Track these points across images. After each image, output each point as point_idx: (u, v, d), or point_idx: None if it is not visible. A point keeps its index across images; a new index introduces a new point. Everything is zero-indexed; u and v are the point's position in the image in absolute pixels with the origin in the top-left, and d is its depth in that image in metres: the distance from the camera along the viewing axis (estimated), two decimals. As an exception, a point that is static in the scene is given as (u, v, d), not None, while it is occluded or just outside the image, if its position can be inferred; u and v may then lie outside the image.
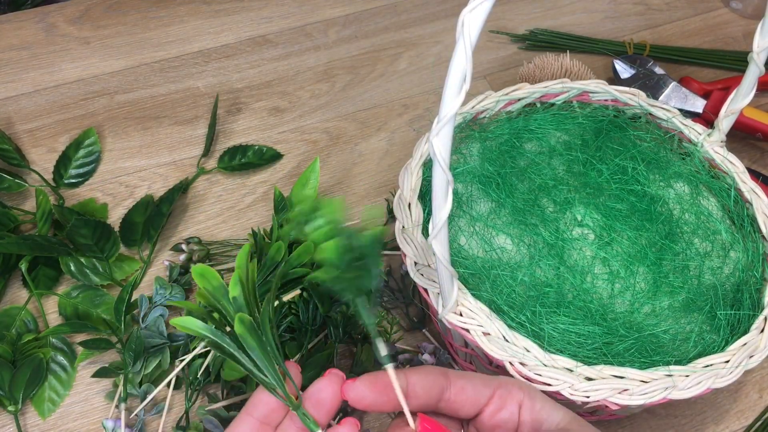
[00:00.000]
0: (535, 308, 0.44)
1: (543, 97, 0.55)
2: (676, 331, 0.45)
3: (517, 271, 0.46)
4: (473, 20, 0.30)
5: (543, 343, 0.42)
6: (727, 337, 0.44)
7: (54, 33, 0.74)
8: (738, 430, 0.51)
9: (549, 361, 0.41)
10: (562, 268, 0.46)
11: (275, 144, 0.66)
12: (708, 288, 0.47)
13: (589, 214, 0.49)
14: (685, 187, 0.52)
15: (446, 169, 0.32)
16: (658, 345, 0.44)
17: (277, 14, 0.77)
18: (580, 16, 0.79)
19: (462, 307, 0.42)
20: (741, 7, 0.80)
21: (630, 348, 0.43)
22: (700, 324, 0.45)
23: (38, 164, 0.63)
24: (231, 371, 0.48)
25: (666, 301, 0.46)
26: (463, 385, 0.36)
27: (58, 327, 0.49)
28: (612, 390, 0.40)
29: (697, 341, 0.44)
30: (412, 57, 0.74)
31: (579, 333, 0.43)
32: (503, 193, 0.50)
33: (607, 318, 0.45)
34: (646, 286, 0.46)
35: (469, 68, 0.30)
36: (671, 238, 0.48)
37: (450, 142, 0.32)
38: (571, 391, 0.40)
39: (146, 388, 0.49)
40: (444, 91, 0.31)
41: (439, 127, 0.31)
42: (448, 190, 0.33)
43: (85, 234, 0.53)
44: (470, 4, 0.30)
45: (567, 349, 0.43)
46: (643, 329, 0.44)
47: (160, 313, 0.52)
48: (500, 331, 0.41)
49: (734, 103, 0.49)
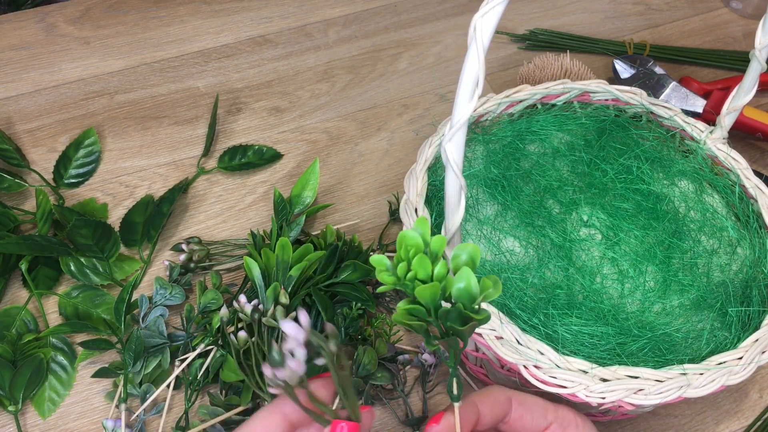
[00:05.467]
0: (547, 310, 0.44)
1: (544, 98, 0.55)
2: (688, 330, 0.45)
3: (526, 273, 0.46)
4: (485, 25, 0.30)
5: (557, 345, 0.42)
6: (739, 334, 0.44)
7: (54, 33, 0.74)
8: (738, 430, 0.51)
9: (563, 364, 0.40)
10: (571, 270, 0.46)
11: (275, 144, 0.66)
12: (717, 285, 0.47)
13: (595, 214, 0.49)
14: (689, 184, 0.52)
15: (459, 174, 0.32)
16: (671, 344, 0.44)
17: (277, 14, 0.77)
18: (580, 16, 0.79)
19: None
20: (741, 7, 0.80)
21: (643, 347, 0.43)
22: (712, 321, 0.45)
23: (38, 164, 0.63)
24: (229, 372, 0.48)
25: (676, 300, 0.46)
26: (522, 414, 0.38)
27: (58, 327, 0.49)
28: (627, 390, 0.40)
29: (710, 339, 0.44)
30: (412, 57, 0.74)
31: (592, 334, 0.43)
32: (509, 195, 0.50)
33: (619, 318, 0.45)
34: (655, 285, 0.46)
35: (481, 73, 0.30)
36: (678, 236, 0.48)
37: (463, 147, 0.32)
38: (586, 393, 0.40)
39: (146, 388, 0.49)
40: (457, 96, 0.31)
41: (452, 132, 0.31)
42: (461, 195, 0.33)
43: (85, 234, 0.53)
44: (482, 9, 0.29)
45: (581, 351, 0.43)
46: (656, 328, 0.44)
47: (160, 313, 0.52)
48: (513, 335, 0.41)
49: (736, 100, 0.49)
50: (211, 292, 0.52)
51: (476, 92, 0.30)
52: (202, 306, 0.52)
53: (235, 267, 0.57)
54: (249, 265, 0.49)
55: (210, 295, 0.52)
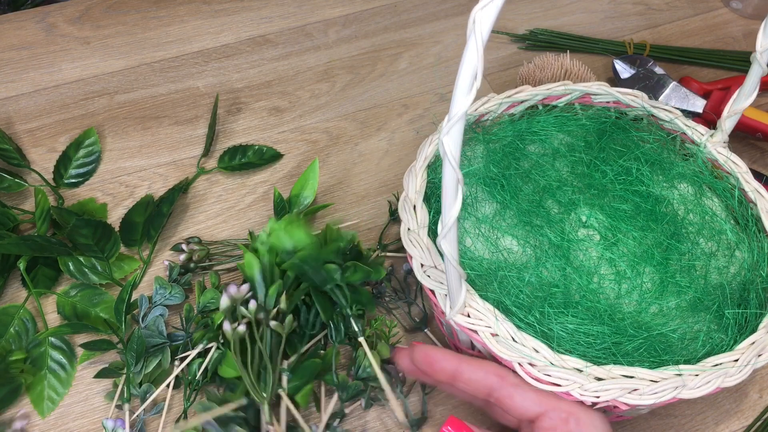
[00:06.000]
0: (543, 309, 0.44)
1: (545, 99, 0.55)
2: (684, 331, 0.45)
3: (523, 272, 0.46)
4: (484, 18, 0.29)
5: (552, 343, 0.42)
6: (736, 336, 0.44)
7: (54, 33, 0.74)
8: (738, 430, 0.51)
9: (558, 362, 0.41)
10: (568, 269, 0.46)
11: (275, 144, 0.66)
12: (715, 287, 0.47)
13: (594, 215, 0.49)
14: (688, 187, 0.52)
15: (457, 167, 0.32)
16: (667, 344, 0.44)
17: (277, 14, 0.77)
18: (580, 16, 0.79)
19: (470, 308, 0.42)
20: (741, 7, 0.80)
21: (639, 348, 0.43)
22: (708, 323, 0.45)
23: (38, 164, 0.63)
24: (228, 368, 0.48)
25: (673, 301, 0.46)
26: (512, 393, 0.39)
27: (58, 328, 0.49)
28: (622, 390, 0.40)
29: (706, 340, 0.44)
30: (412, 57, 0.74)
31: (588, 333, 0.43)
32: (508, 194, 0.50)
33: (615, 318, 0.45)
34: (653, 286, 0.46)
35: (480, 66, 0.30)
36: (677, 238, 0.48)
37: (461, 140, 0.32)
38: (581, 392, 0.40)
39: (146, 388, 0.49)
40: (455, 89, 0.31)
41: (449, 125, 0.31)
42: (458, 188, 0.33)
43: (85, 234, 0.53)
44: (481, 2, 0.29)
45: (576, 350, 0.43)
46: (652, 329, 0.44)
47: (159, 313, 0.52)
48: (509, 332, 0.41)
49: (737, 104, 0.49)
50: (210, 292, 0.52)
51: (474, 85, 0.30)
52: (201, 306, 0.52)
53: (235, 267, 0.57)
54: (249, 263, 0.49)
55: (209, 295, 0.52)
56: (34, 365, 0.51)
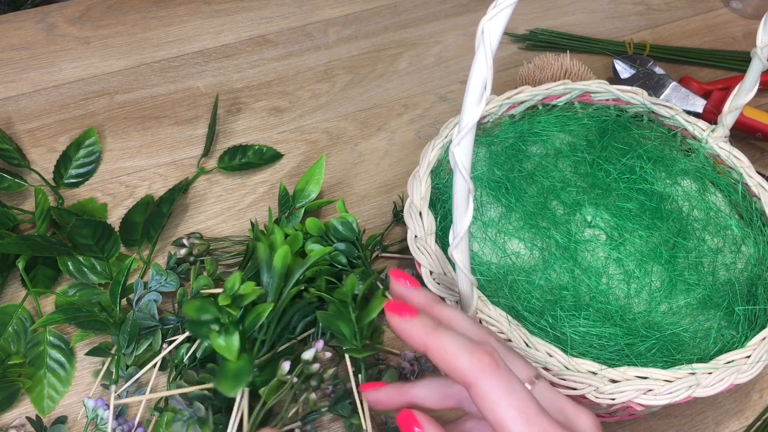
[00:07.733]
0: (554, 312, 0.44)
1: (545, 99, 0.55)
2: (695, 329, 0.45)
3: (532, 275, 0.46)
4: (493, 28, 0.30)
5: (565, 347, 0.42)
6: (746, 333, 0.44)
7: (54, 33, 0.74)
8: (738, 430, 0.51)
9: (572, 365, 0.40)
10: (577, 271, 0.46)
11: (275, 144, 0.66)
12: (723, 284, 0.47)
13: (599, 214, 0.49)
14: (692, 183, 0.52)
15: (468, 178, 0.32)
16: (679, 343, 0.44)
17: (277, 14, 0.77)
18: (580, 16, 0.79)
19: (481, 314, 0.42)
20: (741, 7, 0.80)
21: (652, 348, 0.43)
22: (719, 320, 0.45)
23: (38, 164, 0.63)
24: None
25: (683, 299, 0.46)
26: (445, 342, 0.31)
27: (51, 315, 0.48)
28: (637, 391, 0.40)
29: (717, 338, 0.44)
30: (412, 57, 0.74)
31: (600, 335, 0.43)
32: (513, 197, 0.50)
33: (626, 319, 0.44)
34: (661, 284, 0.46)
35: (489, 77, 0.30)
36: (683, 235, 0.48)
37: (471, 151, 0.32)
38: (596, 395, 0.40)
39: (132, 371, 0.49)
40: (465, 101, 0.31)
41: (460, 136, 0.31)
42: (470, 199, 0.33)
43: (85, 234, 0.53)
44: (489, 13, 0.29)
45: (589, 353, 0.43)
46: (664, 328, 0.44)
47: (153, 298, 0.52)
48: (522, 338, 0.41)
49: (738, 99, 0.49)
50: (203, 279, 0.52)
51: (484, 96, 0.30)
52: (194, 291, 0.51)
53: (235, 263, 0.57)
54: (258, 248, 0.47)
55: (202, 281, 0.52)
56: (33, 365, 0.51)
